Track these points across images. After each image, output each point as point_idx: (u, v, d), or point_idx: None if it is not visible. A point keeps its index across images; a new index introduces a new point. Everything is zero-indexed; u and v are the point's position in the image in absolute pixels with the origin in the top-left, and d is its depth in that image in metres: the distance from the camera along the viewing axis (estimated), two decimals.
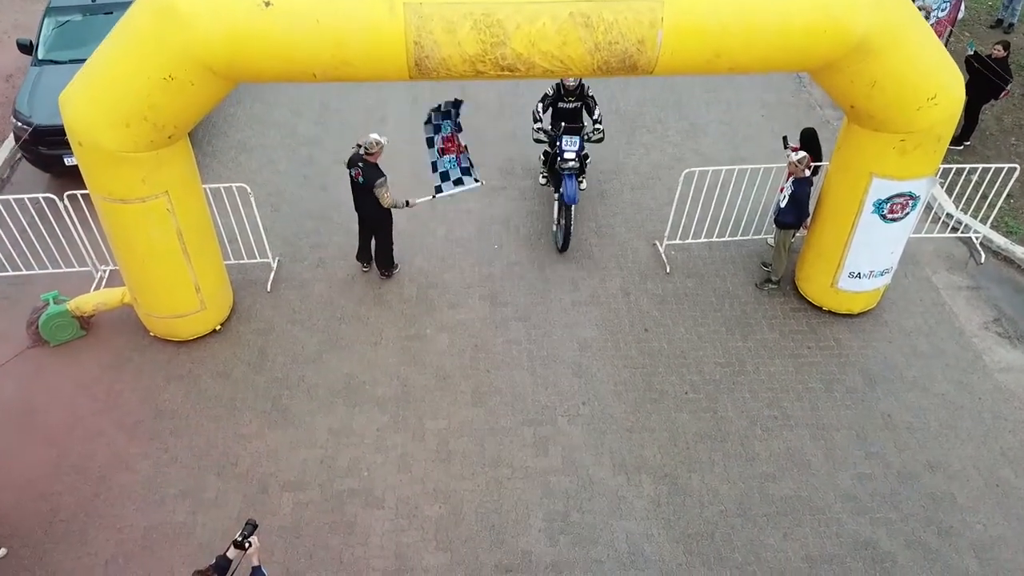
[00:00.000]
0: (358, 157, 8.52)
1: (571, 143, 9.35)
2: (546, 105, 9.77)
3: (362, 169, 8.48)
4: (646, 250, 9.81)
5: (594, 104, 9.75)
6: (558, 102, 9.76)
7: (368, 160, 8.46)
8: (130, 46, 6.49)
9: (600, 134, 9.60)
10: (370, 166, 8.47)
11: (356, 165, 8.52)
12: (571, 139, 9.38)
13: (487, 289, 9.25)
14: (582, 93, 9.69)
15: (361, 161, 8.49)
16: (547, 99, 9.76)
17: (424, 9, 6.36)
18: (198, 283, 8.11)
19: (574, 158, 9.25)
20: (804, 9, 6.56)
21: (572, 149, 9.31)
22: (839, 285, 8.72)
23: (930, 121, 7.31)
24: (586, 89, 9.70)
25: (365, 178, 8.48)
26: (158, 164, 7.17)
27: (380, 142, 8.44)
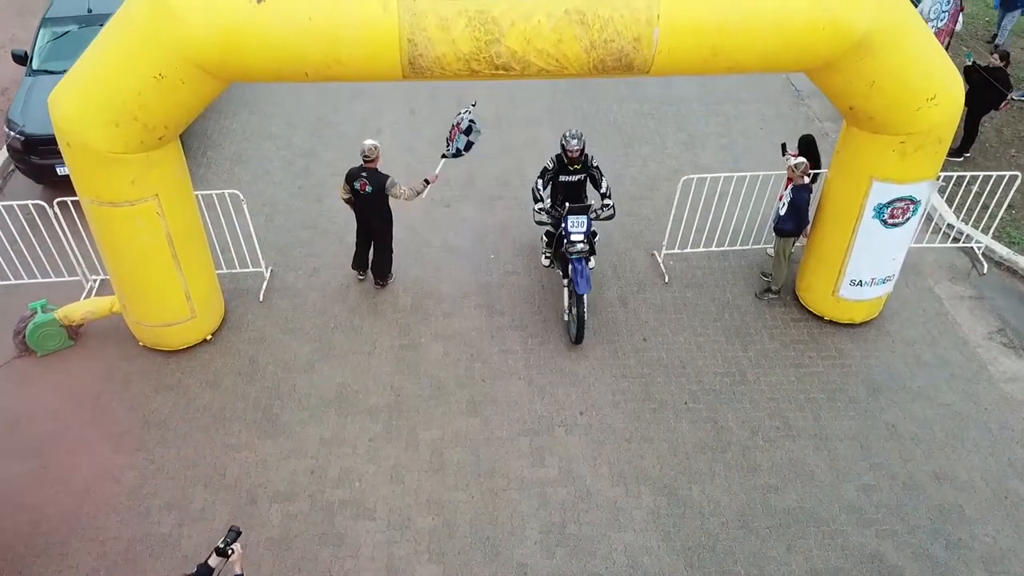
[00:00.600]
0: (359, 168, 8.40)
1: (578, 224, 8.18)
2: (546, 180, 8.69)
3: (367, 178, 8.36)
4: (644, 260, 9.68)
5: (600, 175, 8.67)
6: (559, 175, 8.71)
7: (369, 167, 8.35)
8: (120, 43, 6.40)
9: (610, 210, 8.47)
10: (373, 172, 8.37)
11: (359, 176, 8.38)
12: (577, 219, 8.19)
13: (483, 298, 9.10)
14: (586, 163, 8.65)
15: (363, 171, 8.37)
16: (547, 173, 8.69)
17: (418, 6, 6.28)
18: (188, 290, 7.96)
19: (582, 240, 8.15)
20: (803, 6, 6.49)
21: (579, 231, 8.15)
22: (840, 293, 8.57)
23: (930, 122, 7.21)
24: (590, 159, 8.66)
25: (373, 185, 8.36)
26: (148, 166, 7.05)
27: (378, 145, 8.37)
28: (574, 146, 8.42)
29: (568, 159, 8.54)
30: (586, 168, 8.66)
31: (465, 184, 10.78)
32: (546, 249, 9.07)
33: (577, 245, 8.16)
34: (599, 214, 8.43)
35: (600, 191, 8.65)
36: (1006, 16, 13.39)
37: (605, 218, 8.47)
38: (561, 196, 8.77)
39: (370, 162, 8.35)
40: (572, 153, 8.46)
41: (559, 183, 8.78)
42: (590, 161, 8.66)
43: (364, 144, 8.36)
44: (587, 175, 8.72)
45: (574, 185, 8.78)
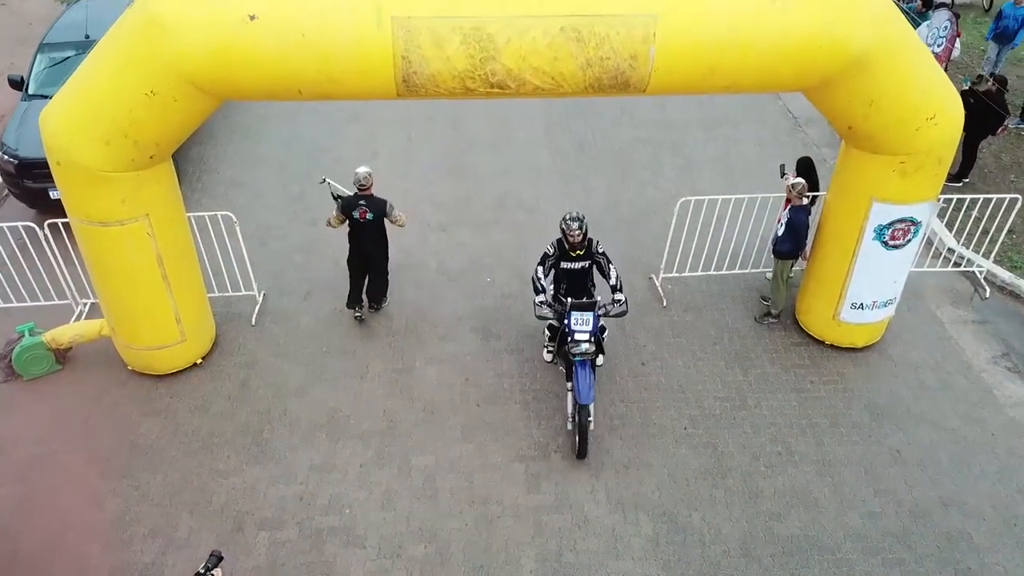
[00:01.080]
0: (355, 197, 8.25)
1: (582, 322, 7.26)
2: (547, 267, 7.66)
3: (366, 206, 8.21)
4: (642, 284, 9.56)
5: (607, 263, 7.65)
6: (561, 262, 7.70)
7: (366, 194, 8.22)
8: (113, 60, 6.35)
9: (621, 306, 7.41)
10: (371, 199, 8.23)
11: (358, 205, 8.21)
12: (582, 316, 7.29)
13: (479, 322, 8.96)
14: (590, 249, 7.64)
15: (361, 199, 8.22)
16: (548, 259, 7.64)
17: (412, 23, 6.24)
18: (179, 313, 7.82)
19: (588, 340, 7.24)
20: (801, 24, 6.45)
21: (585, 330, 7.23)
22: (841, 317, 8.44)
23: (930, 142, 7.14)
24: (595, 245, 7.64)
25: (373, 212, 8.22)
26: (139, 185, 6.96)
27: (372, 172, 8.27)
28: (575, 230, 7.41)
29: (569, 244, 7.53)
30: (590, 255, 7.67)
31: (461, 208, 10.71)
32: (548, 343, 8.10)
33: (581, 346, 7.18)
34: (608, 310, 7.41)
35: (609, 282, 7.62)
36: (1001, 50, 13.38)
37: (615, 315, 7.46)
38: (564, 284, 7.82)
39: (365, 189, 8.21)
40: (573, 237, 7.44)
41: (561, 270, 7.77)
42: (595, 247, 7.65)
43: (358, 172, 8.21)
44: (592, 262, 7.75)
45: (578, 272, 7.76)
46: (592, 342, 7.25)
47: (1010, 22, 12.96)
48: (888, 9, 6.64)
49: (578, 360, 7.21)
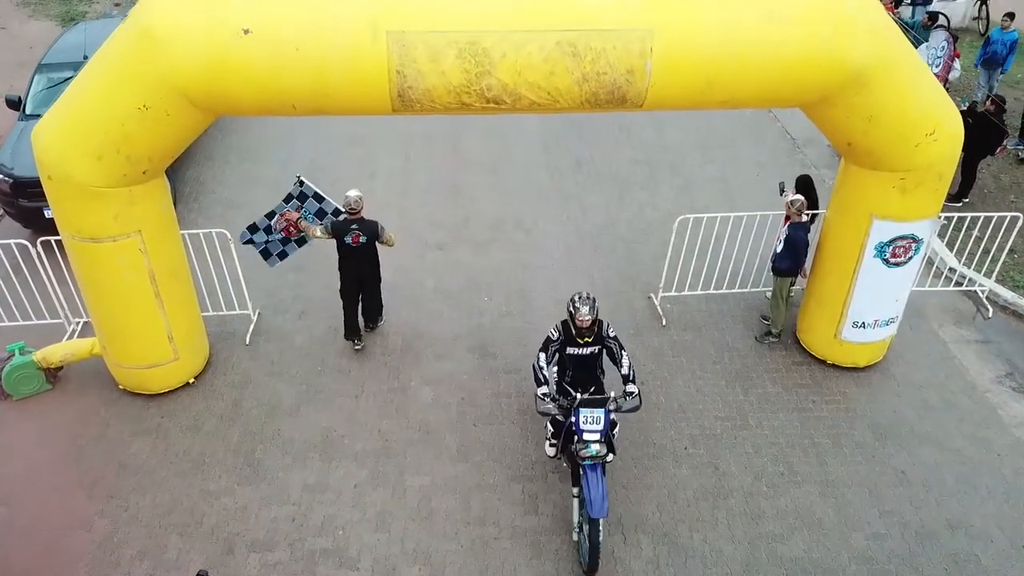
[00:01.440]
0: (346, 222, 8.09)
1: (592, 420, 6.41)
2: (551, 354, 6.87)
3: (359, 229, 8.07)
4: (641, 303, 9.47)
5: (619, 348, 6.83)
6: (567, 347, 6.89)
7: (357, 218, 8.09)
8: (105, 74, 6.31)
9: (635, 400, 6.60)
10: (362, 222, 8.11)
11: (350, 230, 8.07)
12: (593, 414, 6.44)
13: (476, 340, 8.86)
14: (600, 334, 6.84)
15: (352, 223, 8.08)
16: (551, 346, 6.85)
17: (407, 38, 6.20)
18: (171, 331, 7.72)
19: (599, 440, 6.40)
20: (798, 40, 6.42)
21: (596, 430, 6.39)
22: (843, 336, 8.33)
23: (930, 158, 7.08)
24: (605, 328, 6.86)
25: (366, 234, 8.10)
26: (131, 201, 6.89)
27: (362, 196, 8.13)
28: (585, 314, 6.64)
29: (577, 329, 6.77)
30: (600, 340, 6.87)
31: (459, 227, 10.65)
32: (551, 437, 7.16)
33: (591, 448, 6.36)
34: (620, 405, 6.57)
35: (620, 371, 6.79)
36: (991, 75, 13.34)
37: (628, 410, 6.62)
38: (570, 372, 7.00)
39: (356, 213, 8.07)
40: (583, 323, 6.67)
41: (567, 356, 6.96)
42: (606, 330, 6.86)
43: (349, 195, 8.05)
44: (601, 347, 6.94)
45: (585, 361, 6.95)
46: (603, 443, 6.42)
47: (998, 47, 12.91)
48: (886, 24, 6.62)
49: (588, 464, 6.38)
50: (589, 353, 6.91)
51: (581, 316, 6.69)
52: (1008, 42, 12.86)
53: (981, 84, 13.40)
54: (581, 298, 6.77)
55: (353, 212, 8.06)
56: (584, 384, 6.95)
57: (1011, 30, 12.84)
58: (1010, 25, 12.82)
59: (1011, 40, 12.85)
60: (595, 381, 7.04)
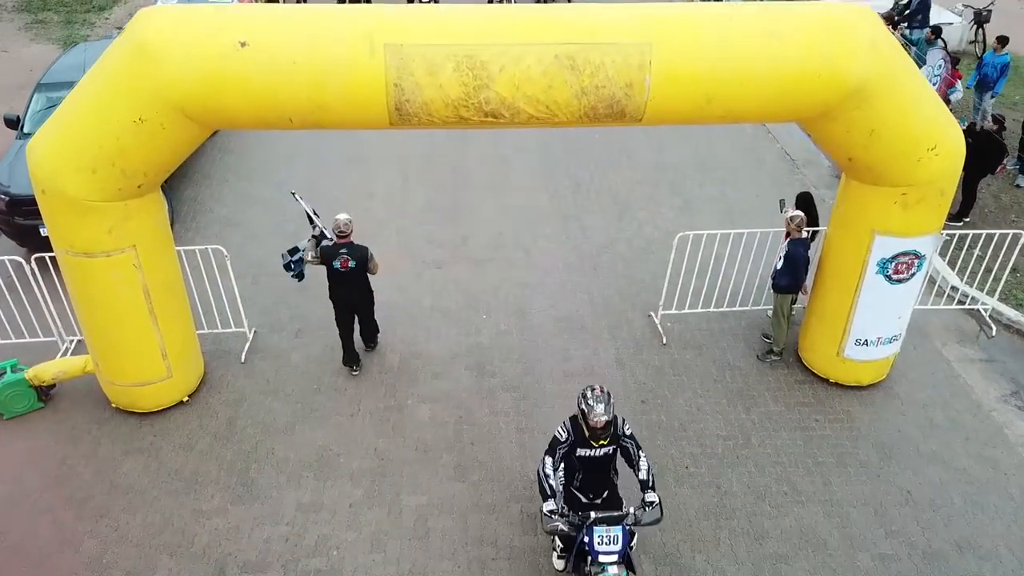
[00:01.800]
0: (335, 246, 7.94)
1: (609, 540, 5.68)
2: (559, 458, 5.90)
3: (348, 254, 7.93)
4: (641, 321, 9.37)
5: (637, 448, 5.91)
6: (577, 449, 5.89)
7: (346, 242, 7.96)
8: (101, 87, 6.27)
9: (655, 511, 5.73)
10: (352, 246, 7.98)
11: (339, 255, 7.92)
12: (608, 533, 5.70)
13: (473, 359, 8.75)
14: (616, 433, 5.88)
15: (342, 247, 7.94)
16: (559, 447, 5.86)
17: (405, 50, 6.18)
18: (165, 348, 7.62)
19: (616, 562, 5.69)
20: (798, 55, 6.40)
21: (613, 551, 5.68)
22: (846, 353, 8.22)
23: (931, 173, 7.03)
24: (621, 425, 5.91)
25: (355, 259, 7.97)
26: (126, 216, 6.83)
27: (352, 219, 8.00)
28: (600, 414, 5.65)
29: (591, 430, 5.77)
30: (616, 439, 5.90)
31: (457, 246, 10.58)
32: (561, 552, 6.21)
33: (609, 571, 5.65)
34: (639, 518, 5.74)
35: (638, 475, 5.84)
36: (983, 98, 13.35)
37: (649, 523, 5.74)
38: (580, 475, 6.06)
39: (345, 237, 7.94)
40: (597, 423, 5.68)
41: (576, 458, 5.97)
42: (621, 428, 5.90)
43: (339, 219, 7.92)
44: (616, 447, 5.96)
45: (599, 460, 5.95)
46: (622, 563, 5.69)
47: (989, 69, 12.97)
48: (886, 39, 6.61)
49: None
50: (603, 455, 5.92)
51: (595, 416, 5.67)
52: (999, 65, 12.91)
53: (977, 105, 13.44)
54: (595, 394, 5.75)
55: (343, 235, 7.93)
56: (596, 489, 6.04)
57: (1003, 53, 12.88)
58: (1002, 49, 12.86)
59: (1002, 63, 12.90)
60: (608, 485, 6.12)
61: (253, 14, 6.30)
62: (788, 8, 6.69)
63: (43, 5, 19.46)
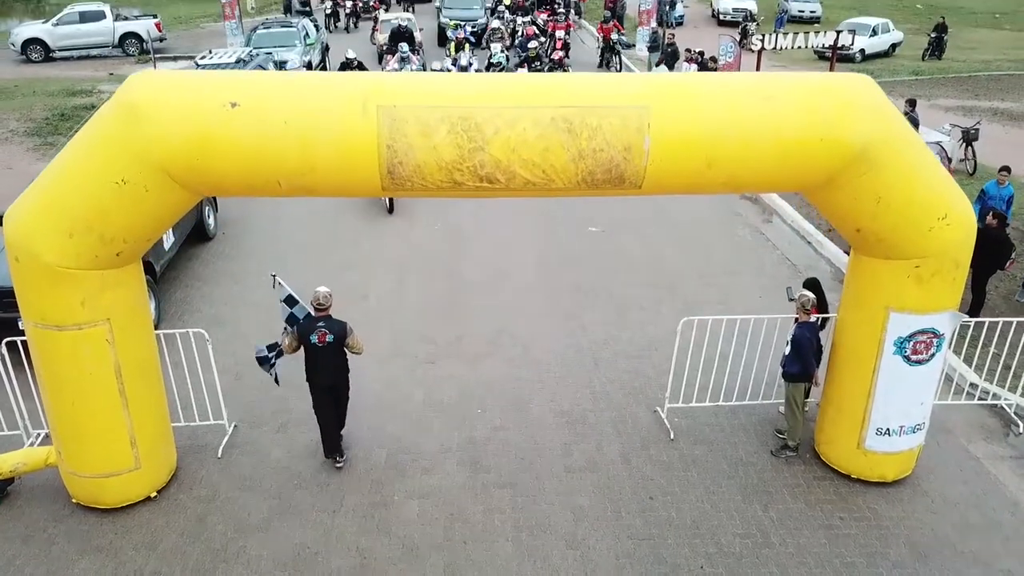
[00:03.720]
0: (312, 320, 7.65)
1: None
2: None
3: (325, 327, 7.58)
4: (647, 416, 8.83)
5: None
6: None
7: (324, 315, 7.64)
8: (83, 148, 6.12)
9: None
10: (331, 321, 7.64)
11: (316, 328, 7.58)
12: None
13: (467, 454, 8.15)
14: None
15: (319, 321, 7.62)
16: None
17: (398, 111, 6.06)
18: (134, 435, 7.07)
19: None
20: (798, 117, 6.31)
21: None
22: (867, 445, 7.66)
23: (944, 243, 6.77)
24: None
25: (333, 333, 7.60)
26: (101, 286, 6.49)
27: (331, 293, 7.70)
28: None
29: None
30: None
31: (452, 343, 10.18)
32: None
33: None
34: None
35: None
36: None
37: None
38: None
39: (323, 310, 7.61)
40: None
41: None
42: None
43: (318, 291, 7.61)
44: None
45: None
46: None
47: (996, 203, 11.90)
48: (886, 104, 6.53)
49: None
50: None
51: None
52: (1005, 197, 12.02)
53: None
54: None
55: (321, 309, 7.59)
56: None
57: (1007, 184, 12.09)
58: (1006, 179, 12.10)
59: (1008, 195, 12.06)
60: None
61: (246, 78, 6.26)
62: (786, 76, 6.66)
63: (53, 129, 19.97)
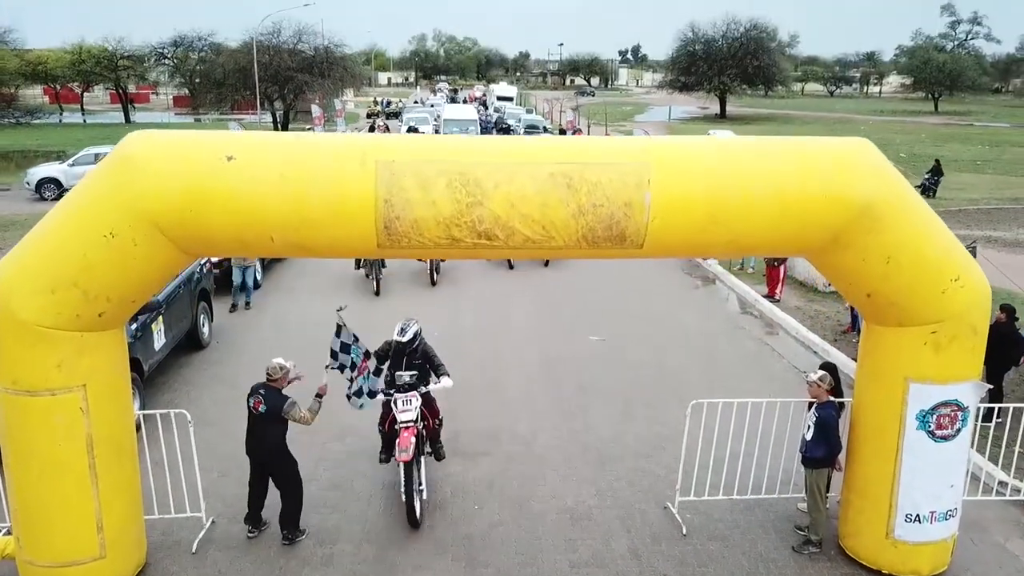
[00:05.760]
0: (259, 385, 7.43)
1: None
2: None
3: (263, 396, 7.32)
4: (656, 512, 8.23)
5: None
6: None
7: (271, 386, 7.36)
8: (74, 201, 6.01)
9: None
10: (273, 392, 7.35)
11: (256, 393, 7.37)
12: None
13: (463, 550, 7.51)
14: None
15: (263, 388, 7.37)
16: None
17: (396, 166, 6.00)
18: (102, 519, 6.52)
19: None
20: (799, 174, 6.26)
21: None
22: (896, 534, 7.07)
23: (960, 306, 6.52)
24: None
25: (268, 405, 7.30)
26: (80, 349, 6.17)
27: (285, 367, 7.42)
28: None
29: None
30: None
31: (449, 441, 9.64)
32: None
33: None
34: None
35: None
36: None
37: None
38: None
39: (273, 382, 7.38)
40: None
41: None
42: None
43: (272, 361, 7.46)
44: None
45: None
46: None
47: None
48: (887, 165, 6.50)
49: None
50: None
51: None
52: None
53: None
54: None
55: (270, 379, 7.38)
56: None
57: None
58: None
59: None
60: None
61: (245, 136, 6.24)
62: (785, 139, 6.68)
63: None
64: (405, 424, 7.87)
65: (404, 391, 8.14)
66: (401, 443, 7.72)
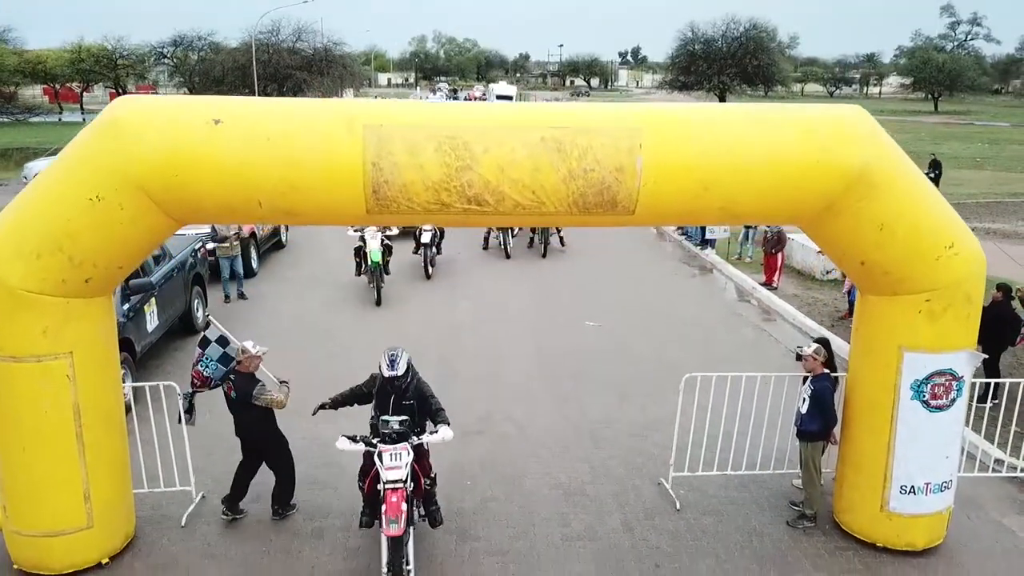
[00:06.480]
0: (231, 371, 7.32)
1: None
2: None
3: (233, 382, 7.26)
4: (650, 488, 8.17)
5: None
6: None
7: (240, 372, 7.28)
8: (60, 166, 5.95)
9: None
10: (242, 377, 7.26)
11: (227, 378, 7.30)
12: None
13: (455, 524, 7.45)
14: None
15: (232, 373, 7.29)
16: None
17: (384, 130, 5.94)
18: (89, 489, 6.46)
19: None
20: (795, 140, 6.21)
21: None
22: (891, 506, 7.01)
23: (954, 274, 6.47)
24: None
25: (238, 392, 7.24)
26: (67, 315, 6.12)
27: (248, 351, 7.28)
28: None
29: None
30: None
31: None
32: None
33: None
34: None
35: None
36: None
37: None
38: None
39: (240, 364, 7.27)
40: None
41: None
42: None
43: (245, 344, 7.34)
44: None
45: None
46: None
47: None
48: (882, 132, 6.44)
49: None
50: None
51: None
52: None
53: None
54: None
55: (237, 364, 7.27)
56: None
57: None
58: None
59: None
60: None
61: (232, 101, 6.18)
62: (780, 106, 6.64)
63: None
64: (392, 485, 6.27)
65: (391, 441, 6.48)
66: (389, 511, 6.13)
